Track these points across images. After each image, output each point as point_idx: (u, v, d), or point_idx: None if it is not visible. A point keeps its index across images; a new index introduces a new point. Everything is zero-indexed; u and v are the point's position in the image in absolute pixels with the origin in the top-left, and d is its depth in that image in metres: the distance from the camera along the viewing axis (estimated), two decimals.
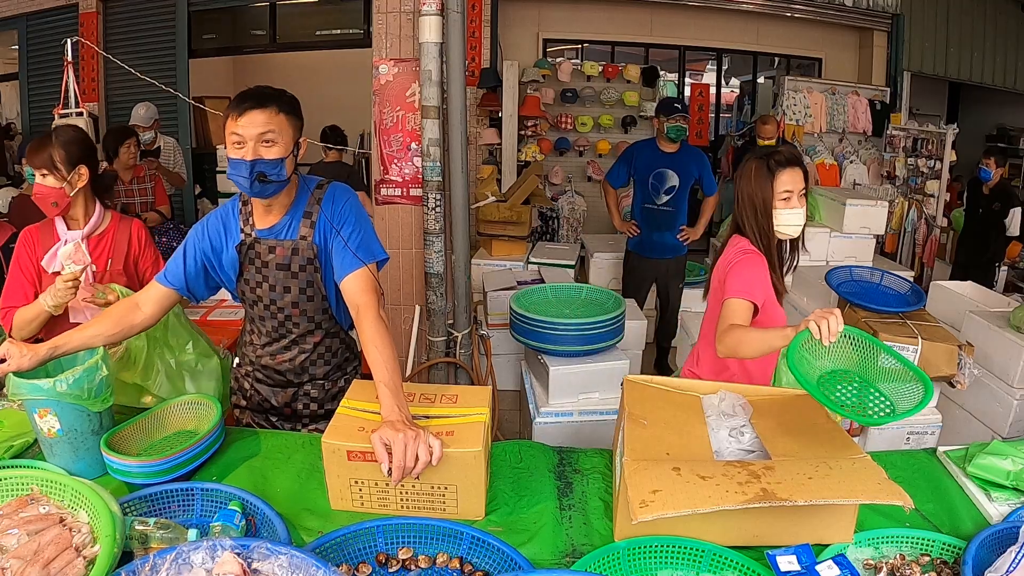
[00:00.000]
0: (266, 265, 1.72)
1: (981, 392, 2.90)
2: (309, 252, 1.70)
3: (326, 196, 1.73)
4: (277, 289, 1.74)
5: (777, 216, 1.86)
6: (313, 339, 1.83)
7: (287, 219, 1.71)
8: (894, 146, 6.43)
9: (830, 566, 1.14)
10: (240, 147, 1.56)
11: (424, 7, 2.78)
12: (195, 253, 1.73)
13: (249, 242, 1.72)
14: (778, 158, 1.86)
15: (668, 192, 3.88)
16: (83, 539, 1.12)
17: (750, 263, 1.86)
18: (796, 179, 1.84)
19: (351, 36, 6.22)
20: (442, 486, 1.34)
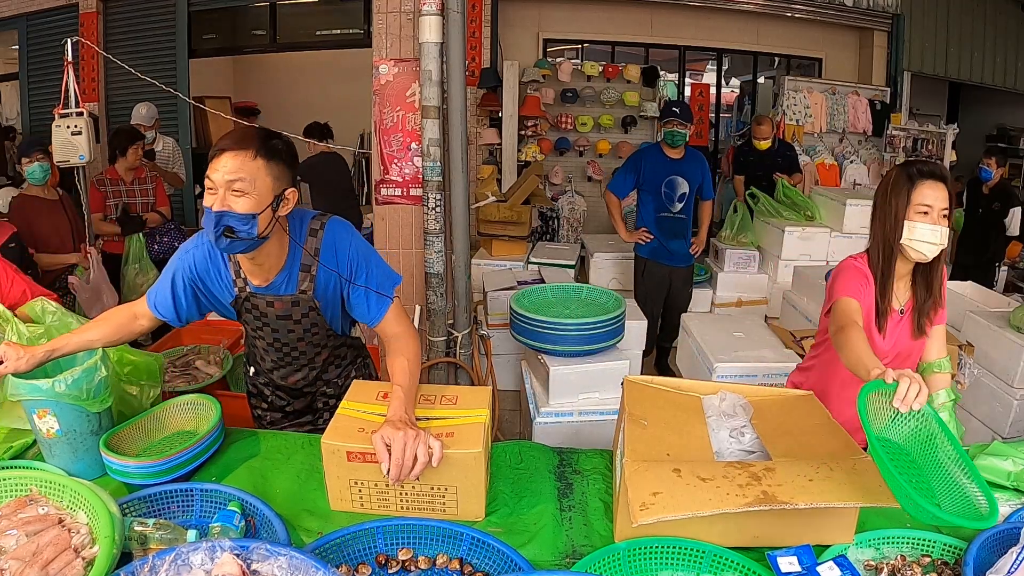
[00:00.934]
0: (265, 315, 1.64)
1: (981, 392, 2.90)
2: (311, 303, 1.62)
3: (324, 245, 1.56)
4: (280, 331, 1.68)
5: (909, 228, 1.64)
6: (321, 357, 1.80)
7: (283, 275, 1.58)
8: (894, 146, 6.43)
9: (831, 567, 1.14)
10: (212, 194, 1.38)
11: (424, 7, 2.78)
12: (184, 288, 1.59)
13: (244, 296, 1.61)
14: (921, 167, 1.67)
15: (681, 199, 3.84)
16: (82, 540, 1.12)
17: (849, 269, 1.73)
18: (939, 195, 1.63)
19: (351, 36, 6.22)
20: (442, 487, 1.33)
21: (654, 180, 3.81)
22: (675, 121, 3.71)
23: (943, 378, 1.76)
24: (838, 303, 1.67)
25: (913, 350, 1.79)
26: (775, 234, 4.80)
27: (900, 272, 1.73)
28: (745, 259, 4.82)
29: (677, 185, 3.82)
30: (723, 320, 3.45)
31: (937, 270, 1.73)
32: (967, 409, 2.99)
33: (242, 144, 1.38)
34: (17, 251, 3.19)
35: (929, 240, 1.63)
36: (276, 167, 1.41)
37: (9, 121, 7.11)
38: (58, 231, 3.52)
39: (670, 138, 3.73)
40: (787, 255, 4.70)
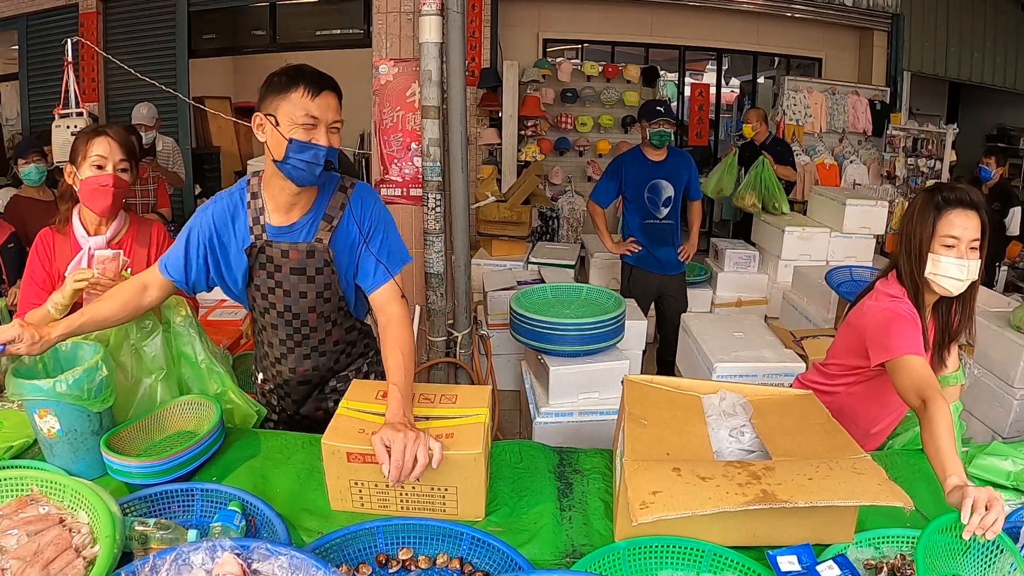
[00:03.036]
0: (279, 269, 1.61)
1: (981, 392, 2.90)
2: (326, 255, 1.60)
3: (352, 199, 1.62)
4: (292, 294, 1.64)
5: (934, 262, 1.53)
6: (332, 339, 1.75)
7: (308, 218, 1.59)
8: (894, 146, 6.44)
9: (831, 566, 1.14)
10: (311, 129, 1.45)
11: (424, 7, 2.78)
12: (198, 247, 1.60)
13: (260, 245, 1.60)
14: (948, 194, 1.53)
15: (666, 204, 3.64)
16: (83, 540, 1.12)
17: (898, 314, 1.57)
18: (969, 225, 1.50)
19: (351, 36, 6.22)
20: (442, 487, 1.34)
21: (637, 186, 3.62)
22: (663, 120, 3.49)
23: (953, 391, 1.70)
24: (906, 363, 1.49)
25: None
26: (775, 234, 4.80)
27: (928, 302, 1.64)
28: (745, 259, 4.82)
29: (661, 189, 3.61)
30: (723, 320, 3.45)
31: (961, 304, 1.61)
32: (967, 409, 2.99)
33: (336, 88, 1.50)
34: (16, 251, 3.19)
35: (954, 276, 1.51)
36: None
37: (9, 121, 7.11)
38: None
39: (658, 139, 3.51)
40: (787, 255, 4.71)
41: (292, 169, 1.47)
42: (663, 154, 3.60)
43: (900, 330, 1.54)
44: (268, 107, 1.49)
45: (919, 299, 1.60)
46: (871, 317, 1.62)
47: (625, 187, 3.65)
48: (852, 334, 1.73)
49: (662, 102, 3.71)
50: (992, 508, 1.10)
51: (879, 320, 1.59)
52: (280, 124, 1.46)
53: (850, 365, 1.76)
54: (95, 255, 1.76)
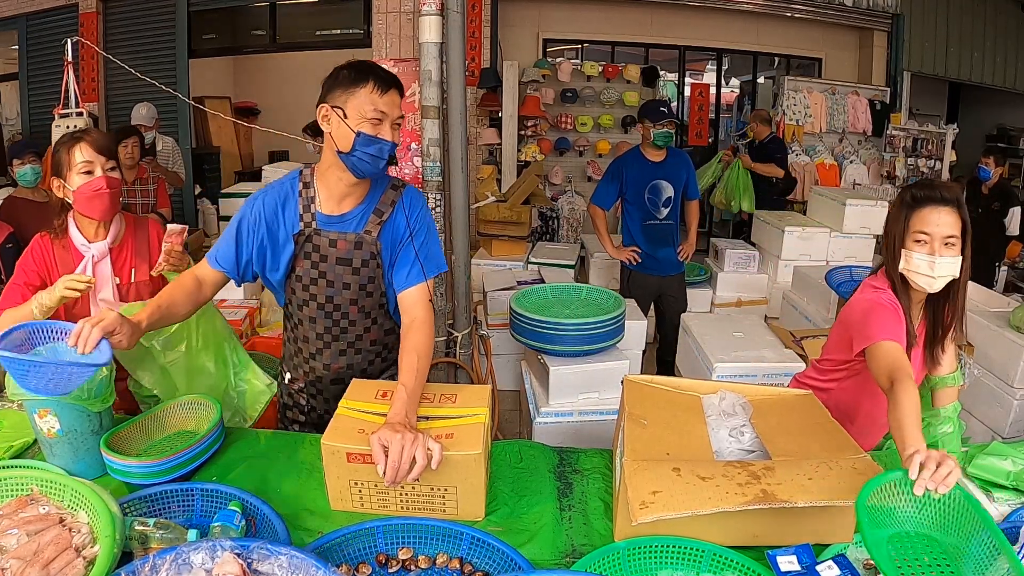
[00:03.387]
0: (324, 259, 1.62)
1: (981, 392, 2.90)
2: (373, 247, 1.62)
3: (404, 198, 1.66)
4: (336, 285, 1.64)
5: (906, 258, 1.56)
6: (370, 337, 1.74)
7: (359, 210, 1.62)
8: (894, 146, 6.44)
9: (830, 566, 1.14)
10: (378, 124, 1.49)
11: (424, 7, 2.78)
12: (249, 235, 1.61)
13: (308, 233, 1.61)
14: (919, 192, 1.56)
15: (667, 204, 3.63)
16: (83, 539, 1.12)
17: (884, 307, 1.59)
18: (942, 220, 1.51)
19: (351, 36, 6.22)
20: (442, 488, 1.34)
21: (637, 187, 3.61)
22: (668, 122, 3.50)
23: (952, 392, 1.70)
24: (881, 348, 1.51)
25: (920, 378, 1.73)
26: (775, 234, 4.80)
27: (915, 299, 1.65)
28: (745, 259, 4.82)
29: (661, 190, 3.61)
30: (723, 320, 3.45)
31: (948, 302, 1.61)
32: (967, 409, 2.99)
33: (393, 82, 1.52)
34: (14, 251, 3.18)
35: (925, 272, 1.53)
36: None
37: (9, 121, 7.12)
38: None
39: (662, 140, 3.51)
40: (787, 255, 4.71)
41: (358, 161, 1.51)
42: (663, 154, 3.59)
43: (879, 318, 1.56)
44: (335, 100, 1.51)
45: (904, 295, 1.62)
46: (855, 308, 1.66)
47: (626, 188, 3.64)
48: (840, 328, 1.76)
49: (664, 102, 3.71)
50: (944, 464, 1.11)
51: (861, 310, 1.62)
52: (348, 117, 1.49)
53: (840, 360, 1.78)
54: (167, 230, 1.77)
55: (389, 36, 3.20)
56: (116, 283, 1.82)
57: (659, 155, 3.59)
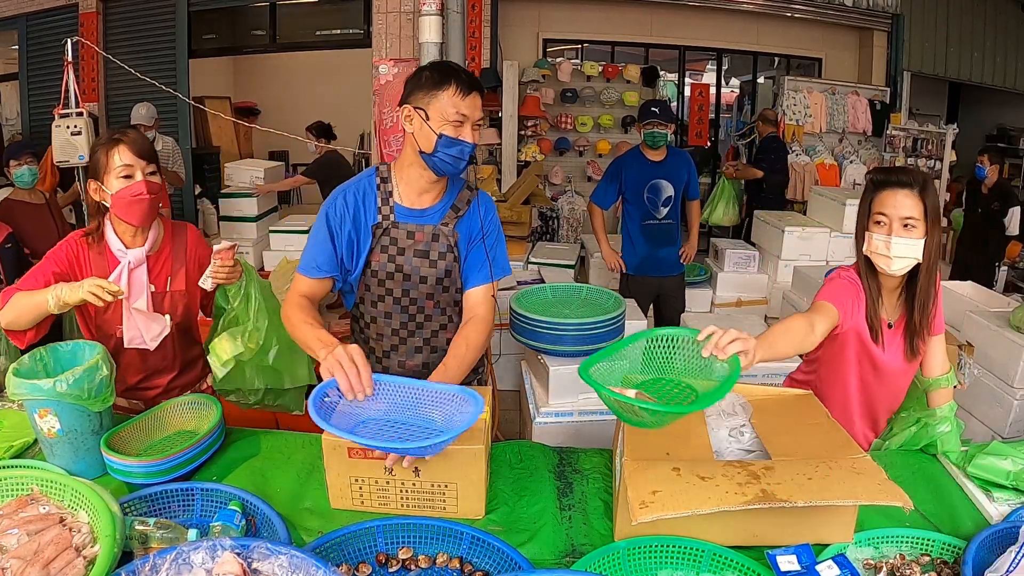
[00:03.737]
0: (402, 252, 1.62)
1: (981, 392, 2.90)
2: (450, 239, 1.63)
3: (478, 199, 1.69)
4: (412, 278, 1.64)
5: (868, 240, 1.61)
6: (445, 335, 1.71)
7: (438, 206, 1.65)
8: (894, 146, 6.44)
9: (830, 566, 1.14)
10: (460, 126, 1.52)
11: (424, 7, 2.78)
12: (339, 232, 1.61)
13: (386, 225, 1.62)
14: (879, 175, 1.61)
15: (666, 204, 3.62)
16: (83, 539, 1.12)
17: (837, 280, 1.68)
18: (900, 203, 1.55)
19: (351, 36, 6.22)
20: (442, 484, 1.34)
21: (636, 186, 3.61)
22: (655, 121, 3.49)
23: (946, 392, 1.71)
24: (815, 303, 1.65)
25: (910, 369, 1.73)
26: (775, 234, 4.80)
27: (888, 285, 1.68)
28: (745, 259, 4.81)
29: (661, 189, 3.60)
30: (723, 320, 3.45)
31: (920, 286, 1.63)
32: (967, 409, 2.99)
33: (475, 84, 1.54)
34: (13, 251, 3.19)
35: (882, 252, 1.57)
36: None
37: (9, 121, 7.11)
38: (46, 234, 3.51)
39: (650, 139, 3.51)
40: (787, 255, 4.71)
41: (439, 161, 1.55)
42: (662, 154, 3.59)
43: (827, 288, 1.67)
44: (418, 101, 1.54)
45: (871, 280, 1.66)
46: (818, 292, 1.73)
47: (625, 188, 3.64)
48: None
49: (658, 102, 3.69)
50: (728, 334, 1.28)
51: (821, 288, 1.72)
52: (430, 119, 1.52)
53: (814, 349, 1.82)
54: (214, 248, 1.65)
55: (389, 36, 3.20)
56: (151, 291, 1.76)
57: (659, 155, 3.58)
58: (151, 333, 1.76)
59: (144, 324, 1.74)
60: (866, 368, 1.72)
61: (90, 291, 1.53)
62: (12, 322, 1.62)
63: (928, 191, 1.56)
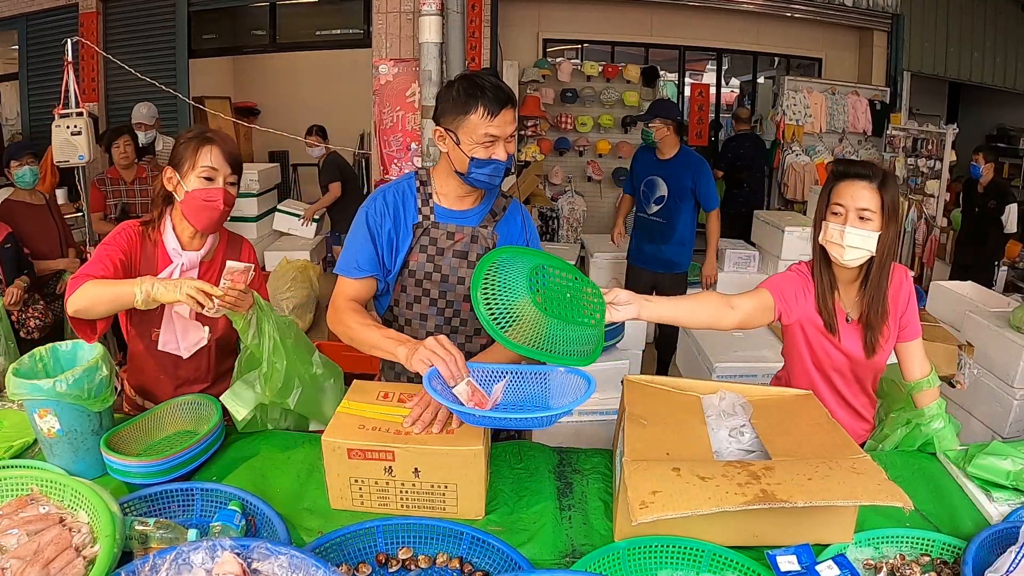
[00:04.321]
0: (441, 253, 1.62)
1: (981, 392, 2.90)
2: (489, 240, 1.63)
3: (512, 206, 1.72)
4: (450, 280, 1.63)
5: (824, 229, 1.62)
6: (480, 340, 1.69)
7: (477, 209, 1.66)
8: (894, 146, 6.43)
9: (830, 566, 1.14)
10: (489, 147, 1.52)
11: (424, 7, 2.78)
12: (379, 231, 1.61)
13: (426, 225, 1.62)
14: (840, 166, 1.63)
15: (658, 202, 3.69)
16: (83, 539, 1.12)
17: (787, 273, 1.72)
18: (857, 195, 1.57)
19: (351, 36, 6.23)
20: (442, 484, 1.34)
21: (638, 179, 3.78)
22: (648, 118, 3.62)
23: (931, 393, 1.72)
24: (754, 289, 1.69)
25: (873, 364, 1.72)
26: (775, 234, 4.80)
27: (844, 278, 1.68)
28: (745, 259, 4.82)
29: (656, 186, 3.68)
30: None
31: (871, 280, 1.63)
32: (967, 409, 2.99)
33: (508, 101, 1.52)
34: (12, 251, 3.19)
35: (835, 241, 1.58)
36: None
37: (9, 121, 7.11)
38: (46, 235, 3.51)
39: (645, 137, 3.67)
40: (787, 255, 4.70)
41: (474, 180, 1.56)
42: (670, 153, 3.66)
43: (772, 277, 1.72)
44: (448, 123, 1.54)
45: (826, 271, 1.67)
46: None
47: (633, 178, 3.83)
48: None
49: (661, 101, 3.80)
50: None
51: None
52: (461, 143, 1.52)
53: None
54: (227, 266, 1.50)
55: (389, 36, 3.20)
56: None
57: (667, 153, 3.66)
58: (188, 341, 1.72)
59: (182, 330, 1.71)
60: (829, 359, 1.73)
61: (189, 293, 1.42)
62: (83, 310, 1.49)
63: (887, 186, 1.58)
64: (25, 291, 3.18)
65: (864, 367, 1.74)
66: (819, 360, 1.74)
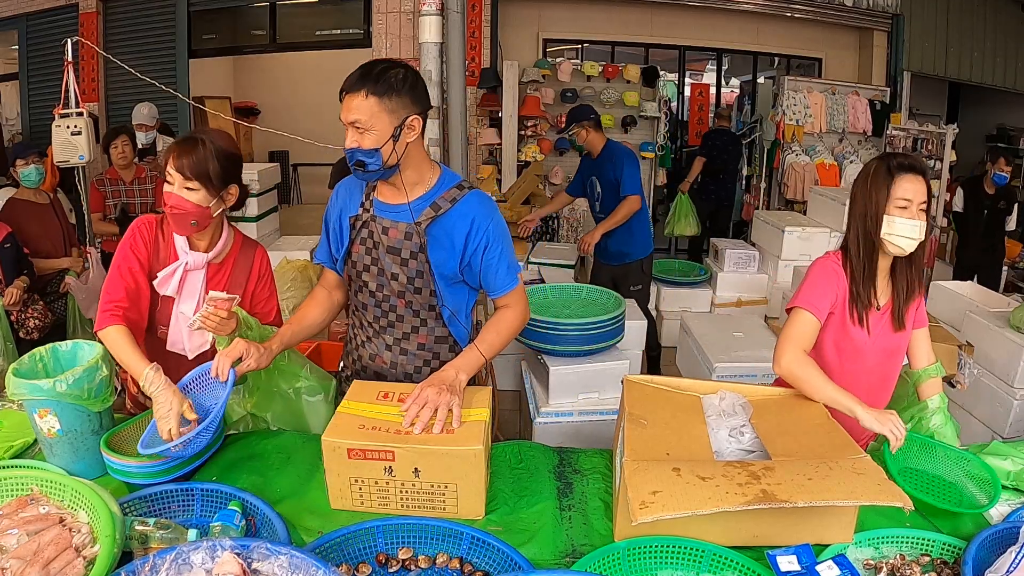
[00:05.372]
0: (376, 246, 1.62)
1: (981, 392, 2.90)
2: (421, 240, 1.58)
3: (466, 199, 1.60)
4: (385, 274, 1.63)
5: (889, 223, 1.63)
6: (417, 339, 1.69)
7: (416, 203, 1.59)
8: (894, 146, 6.42)
9: (830, 566, 1.14)
10: (347, 134, 1.50)
11: (424, 7, 2.78)
12: (331, 224, 1.70)
13: (365, 218, 1.63)
14: (901, 160, 1.65)
15: (597, 199, 3.86)
16: (83, 539, 1.12)
17: (819, 267, 1.72)
18: (918, 189, 1.62)
19: (351, 36, 6.22)
20: (442, 484, 1.34)
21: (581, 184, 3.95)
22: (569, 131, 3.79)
23: (935, 383, 1.75)
24: (794, 316, 1.67)
25: (898, 345, 1.76)
26: (775, 234, 4.80)
27: (884, 267, 1.71)
28: (745, 259, 4.82)
29: (594, 186, 3.85)
30: (723, 320, 3.45)
31: (916, 263, 1.70)
32: (967, 409, 2.99)
33: (355, 85, 1.46)
34: (12, 251, 3.19)
35: (908, 235, 1.61)
36: (391, 101, 1.47)
37: (9, 121, 7.11)
38: (49, 234, 3.51)
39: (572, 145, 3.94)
40: (787, 255, 4.71)
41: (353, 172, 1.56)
42: (597, 152, 3.78)
43: (812, 283, 1.70)
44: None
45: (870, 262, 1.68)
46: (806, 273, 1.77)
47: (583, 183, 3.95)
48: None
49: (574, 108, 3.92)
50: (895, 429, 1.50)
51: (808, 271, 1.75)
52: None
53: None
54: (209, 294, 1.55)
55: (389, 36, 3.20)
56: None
57: (596, 153, 3.79)
58: (193, 343, 1.74)
59: (188, 332, 1.72)
60: (844, 351, 1.73)
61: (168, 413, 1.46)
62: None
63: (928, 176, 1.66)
64: (24, 291, 3.18)
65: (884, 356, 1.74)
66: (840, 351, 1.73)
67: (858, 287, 1.68)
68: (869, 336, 1.70)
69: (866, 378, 1.75)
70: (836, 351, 1.74)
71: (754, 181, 7.08)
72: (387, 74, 1.47)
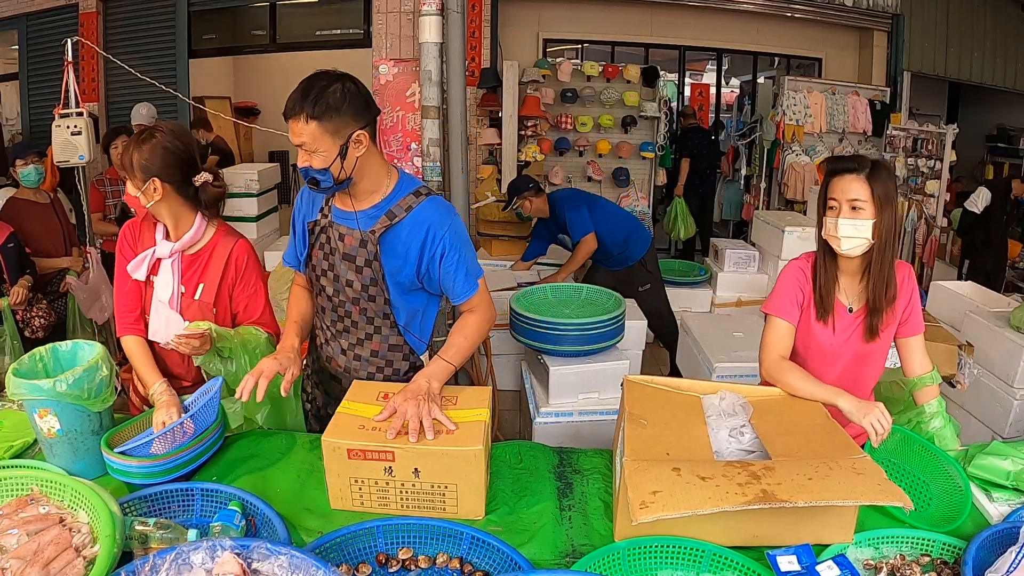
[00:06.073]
0: (333, 252, 1.64)
1: (981, 392, 2.90)
2: (376, 249, 1.59)
3: (422, 207, 1.60)
4: (340, 281, 1.65)
5: (825, 225, 1.66)
6: (371, 346, 1.71)
7: (372, 210, 1.60)
8: (894, 146, 6.42)
9: (830, 566, 1.14)
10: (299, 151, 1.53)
11: (424, 7, 2.78)
12: (296, 227, 1.75)
13: (324, 224, 1.65)
14: (835, 163, 1.67)
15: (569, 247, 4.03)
16: (83, 539, 1.12)
17: (786, 271, 1.76)
18: (847, 188, 1.62)
19: (351, 36, 6.22)
20: (442, 485, 1.34)
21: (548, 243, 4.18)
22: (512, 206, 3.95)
23: (931, 390, 1.74)
24: (768, 322, 1.74)
25: (872, 353, 1.74)
26: (775, 234, 4.80)
27: (848, 269, 1.71)
28: (745, 259, 4.82)
29: (565, 242, 4.07)
30: (723, 320, 3.45)
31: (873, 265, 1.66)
32: (967, 409, 2.99)
33: (294, 110, 1.47)
34: (15, 251, 3.19)
35: (832, 234, 1.64)
36: (331, 122, 1.47)
37: (9, 121, 7.11)
38: (49, 234, 3.51)
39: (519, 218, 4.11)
40: (787, 255, 4.70)
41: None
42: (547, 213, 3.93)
43: (779, 288, 1.76)
44: None
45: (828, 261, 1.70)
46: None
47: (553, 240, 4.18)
48: None
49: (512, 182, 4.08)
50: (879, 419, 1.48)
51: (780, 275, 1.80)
52: None
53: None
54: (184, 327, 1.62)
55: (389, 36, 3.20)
56: (181, 292, 1.72)
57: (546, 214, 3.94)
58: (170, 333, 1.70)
59: (165, 321, 1.72)
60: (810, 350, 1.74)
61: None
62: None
63: (876, 175, 1.62)
64: (29, 290, 3.19)
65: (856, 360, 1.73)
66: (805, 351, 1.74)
67: (819, 287, 1.71)
68: (835, 336, 1.70)
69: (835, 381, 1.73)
70: (804, 350, 1.75)
71: (754, 181, 7.09)
72: (324, 95, 1.45)
